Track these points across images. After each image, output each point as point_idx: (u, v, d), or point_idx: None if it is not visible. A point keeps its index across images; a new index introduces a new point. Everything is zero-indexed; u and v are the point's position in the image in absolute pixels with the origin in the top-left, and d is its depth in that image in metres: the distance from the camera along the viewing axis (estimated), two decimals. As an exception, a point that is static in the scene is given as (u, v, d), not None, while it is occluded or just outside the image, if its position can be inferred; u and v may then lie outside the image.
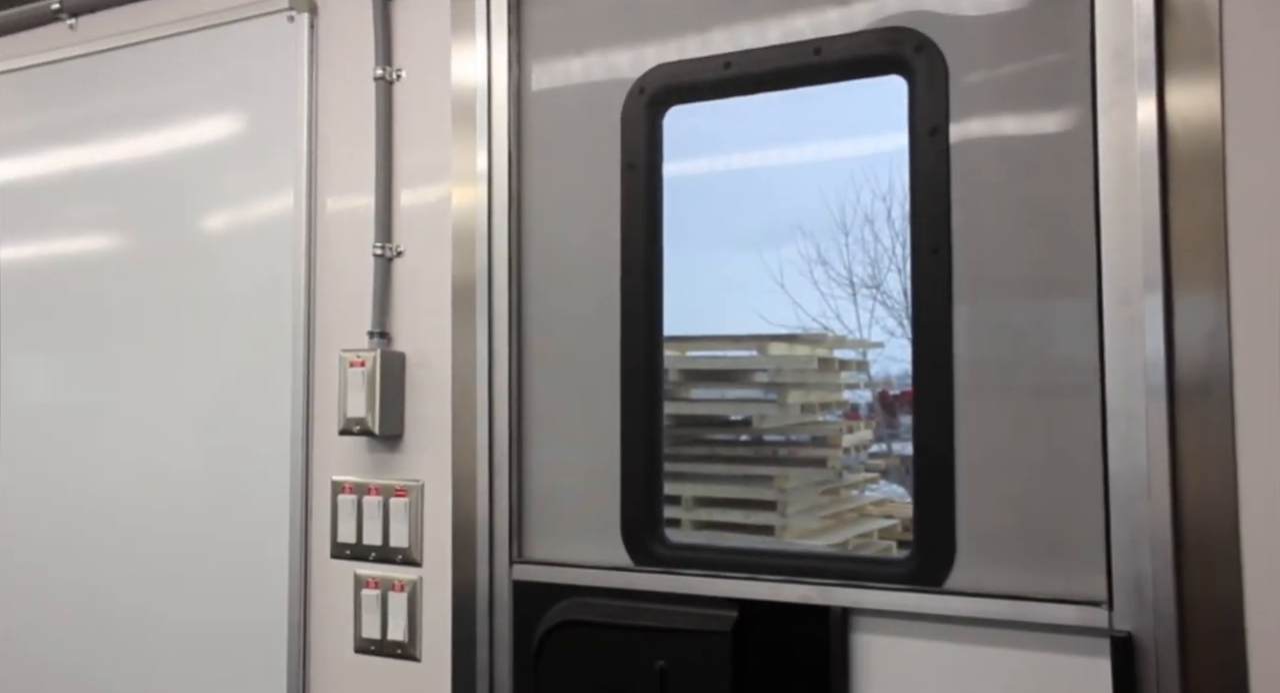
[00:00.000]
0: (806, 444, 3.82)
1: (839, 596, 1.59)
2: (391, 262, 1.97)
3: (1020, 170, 1.52)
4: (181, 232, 2.20)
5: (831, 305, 4.81)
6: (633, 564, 1.75)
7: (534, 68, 1.90)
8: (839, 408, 4.23)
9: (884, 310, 5.03)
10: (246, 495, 2.06)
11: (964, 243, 1.55)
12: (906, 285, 5.69)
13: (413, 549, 1.91)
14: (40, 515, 2.36)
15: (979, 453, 1.53)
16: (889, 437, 4.90)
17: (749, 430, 3.82)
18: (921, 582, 1.55)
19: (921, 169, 1.58)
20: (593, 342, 1.80)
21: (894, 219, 4.82)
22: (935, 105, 1.57)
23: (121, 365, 2.27)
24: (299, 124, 2.05)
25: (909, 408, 5.48)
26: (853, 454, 4.02)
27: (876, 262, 4.98)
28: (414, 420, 1.93)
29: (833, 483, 3.88)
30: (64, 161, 2.36)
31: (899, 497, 4.49)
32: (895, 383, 4.93)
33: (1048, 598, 1.45)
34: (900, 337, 5.07)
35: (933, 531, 1.55)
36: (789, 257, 4.65)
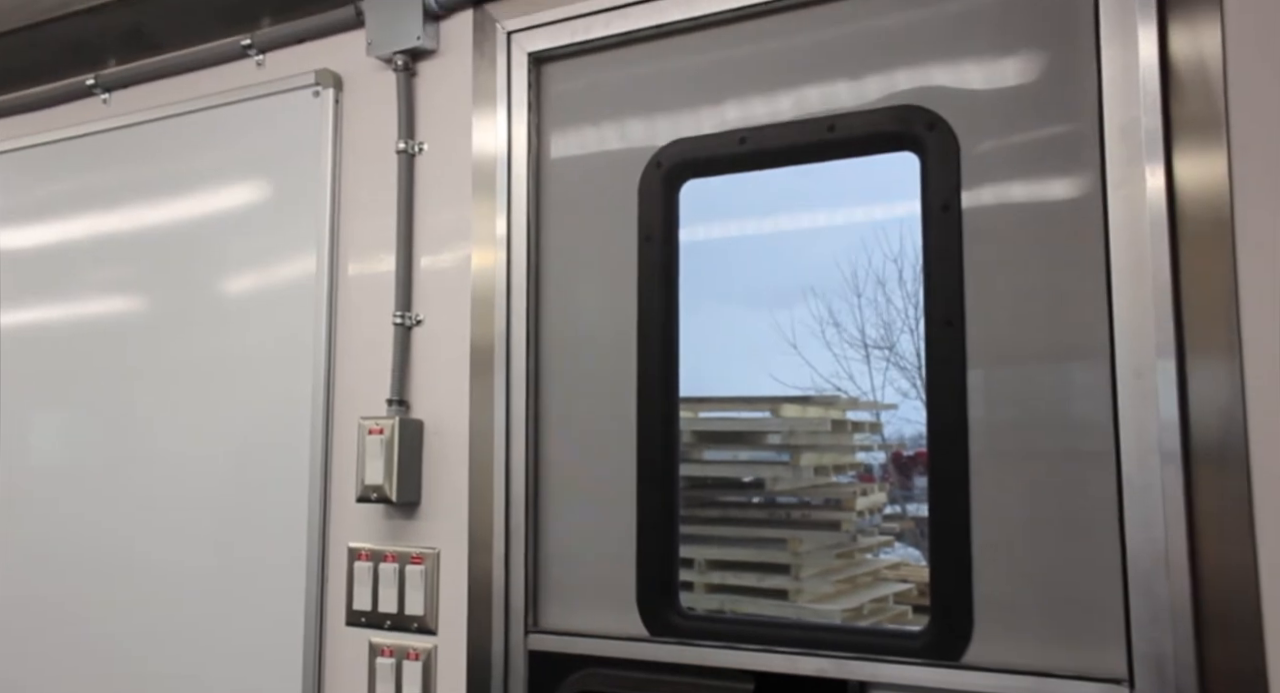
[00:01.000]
0: (820, 507, 3.81)
1: (856, 669, 1.58)
2: (411, 330, 2.00)
3: (1032, 241, 1.55)
4: (205, 297, 2.24)
5: (844, 366, 4.82)
6: (648, 635, 1.74)
7: (553, 137, 1.94)
8: (852, 470, 4.22)
9: (897, 371, 5.03)
10: (263, 560, 2.07)
11: (977, 313, 1.57)
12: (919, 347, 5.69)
13: (428, 617, 1.90)
14: (58, 574, 2.37)
15: (996, 524, 1.53)
16: (903, 499, 4.87)
17: (762, 493, 3.81)
18: (939, 656, 1.53)
19: (934, 243, 1.61)
20: (609, 408, 1.82)
21: (905, 281, 4.85)
22: (947, 181, 1.60)
23: (142, 428, 2.29)
24: (322, 193, 2.10)
25: (923, 469, 5.44)
26: (867, 517, 4.00)
27: (889, 323, 5.00)
28: (431, 488, 1.94)
29: (847, 546, 3.85)
30: (94, 227, 2.42)
31: (914, 560, 4.45)
32: (909, 444, 4.92)
33: (1068, 675, 1.44)
34: (913, 398, 5.07)
35: (950, 603, 1.54)
36: (801, 318, 4.68)
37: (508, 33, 1.95)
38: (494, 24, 1.96)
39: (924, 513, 5.17)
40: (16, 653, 2.41)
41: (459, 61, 2.00)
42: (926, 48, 1.64)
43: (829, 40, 1.72)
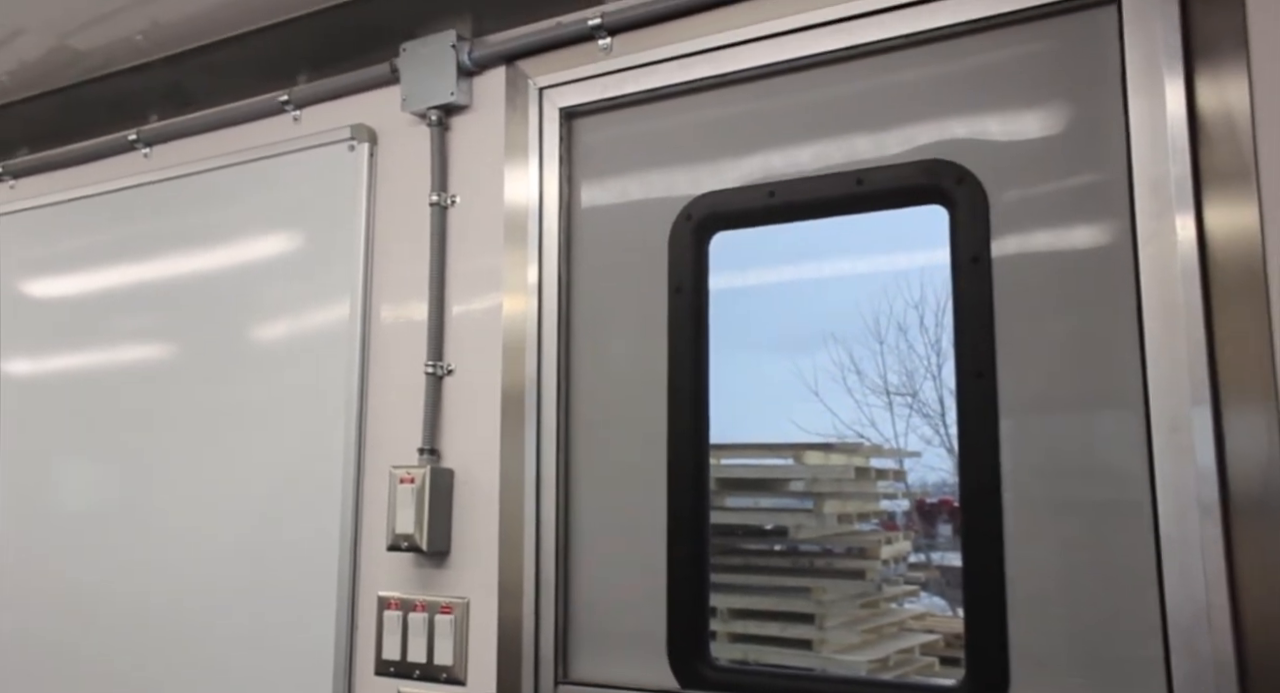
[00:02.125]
0: (844, 555, 3.78)
1: (891, 724, 1.56)
2: (442, 379, 2.02)
3: (1062, 291, 1.55)
4: (240, 345, 2.27)
5: (866, 413, 4.80)
6: (679, 687, 1.73)
7: (584, 189, 1.98)
8: (876, 518, 4.19)
9: (920, 418, 5.00)
10: (292, 608, 2.07)
11: (1008, 365, 1.58)
12: (942, 394, 5.61)
13: (457, 668, 1.90)
14: (89, 619, 2.38)
15: (1031, 577, 1.52)
16: (927, 547, 4.82)
17: (785, 540, 3.78)
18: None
19: (964, 295, 1.62)
20: (639, 457, 1.83)
21: (927, 327, 4.84)
22: (976, 234, 1.61)
23: (174, 474, 2.31)
24: (356, 243, 2.14)
25: (947, 517, 5.39)
26: (892, 566, 3.96)
27: (911, 370, 4.98)
28: (461, 537, 1.95)
29: (872, 596, 3.81)
30: (133, 276, 2.47)
31: (940, 610, 4.40)
32: (932, 491, 4.88)
33: (1110, 733, 1.42)
34: (936, 445, 5.03)
35: (985, 658, 1.53)
36: (822, 364, 4.67)
37: (539, 89, 1.99)
38: (526, 80, 2.01)
39: (948, 562, 5.12)
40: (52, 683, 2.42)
41: (492, 116, 2.05)
42: (954, 101, 1.67)
43: (857, 94, 1.75)
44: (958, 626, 3.97)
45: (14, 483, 2.60)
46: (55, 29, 2.17)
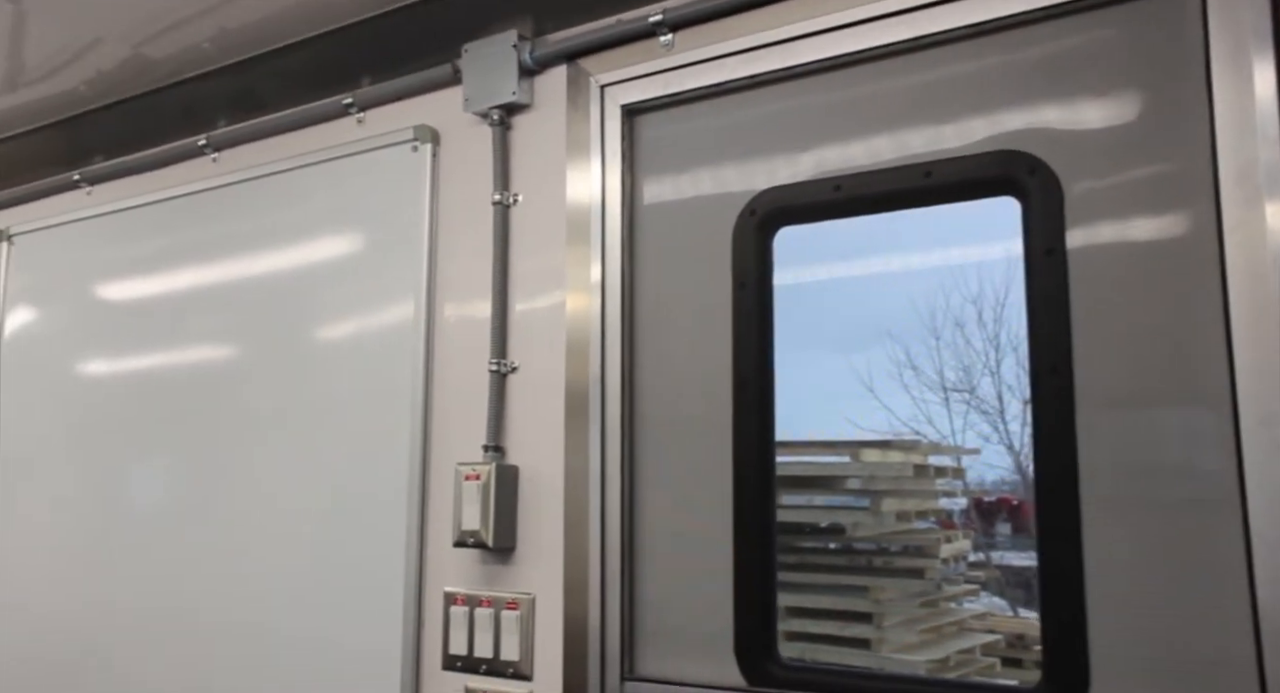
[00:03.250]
0: (902, 554, 3.73)
1: (965, 725, 1.54)
2: (506, 377, 2.03)
3: (1141, 283, 1.51)
4: (306, 345, 2.30)
5: (923, 410, 4.74)
6: (746, 685, 1.72)
7: (647, 185, 1.97)
8: (935, 516, 4.14)
9: (978, 415, 4.93)
10: (360, 604, 2.10)
11: (1085, 359, 1.54)
12: (1000, 390, 5.50)
13: (523, 663, 1.91)
14: (160, 617, 2.43)
15: (1112, 576, 1.48)
16: (987, 546, 4.75)
17: (843, 539, 3.75)
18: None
19: (1038, 288, 1.58)
20: (704, 454, 1.82)
21: (985, 323, 4.77)
22: (1050, 225, 1.58)
23: (242, 473, 2.36)
24: (420, 243, 2.16)
25: (1006, 515, 5.30)
26: (951, 565, 3.90)
27: (968, 366, 4.92)
28: (526, 533, 1.96)
29: (931, 595, 3.76)
30: (201, 279, 2.52)
31: (1000, 610, 4.33)
32: (991, 489, 4.81)
33: (1203, 739, 1.38)
34: (995, 442, 4.95)
35: (1064, 659, 1.49)
36: (878, 361, 4.62)
37: (601, 86, 1.99)
38: (587, 78, 2.01)
39: (1009, 562, 5.02)
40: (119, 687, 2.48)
41: (553, 115, 2.05)
42: (1025, 90, 1.64)
43: (924, 85, 1.73)
44: (1019, 626, 3.91)
45: (87, 482, 2.66)
46: (129, 38, 2.23)
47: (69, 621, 2.62)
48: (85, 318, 2.76)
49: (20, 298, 2.93)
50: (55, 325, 2.85)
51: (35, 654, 2.67)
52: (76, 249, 2.81)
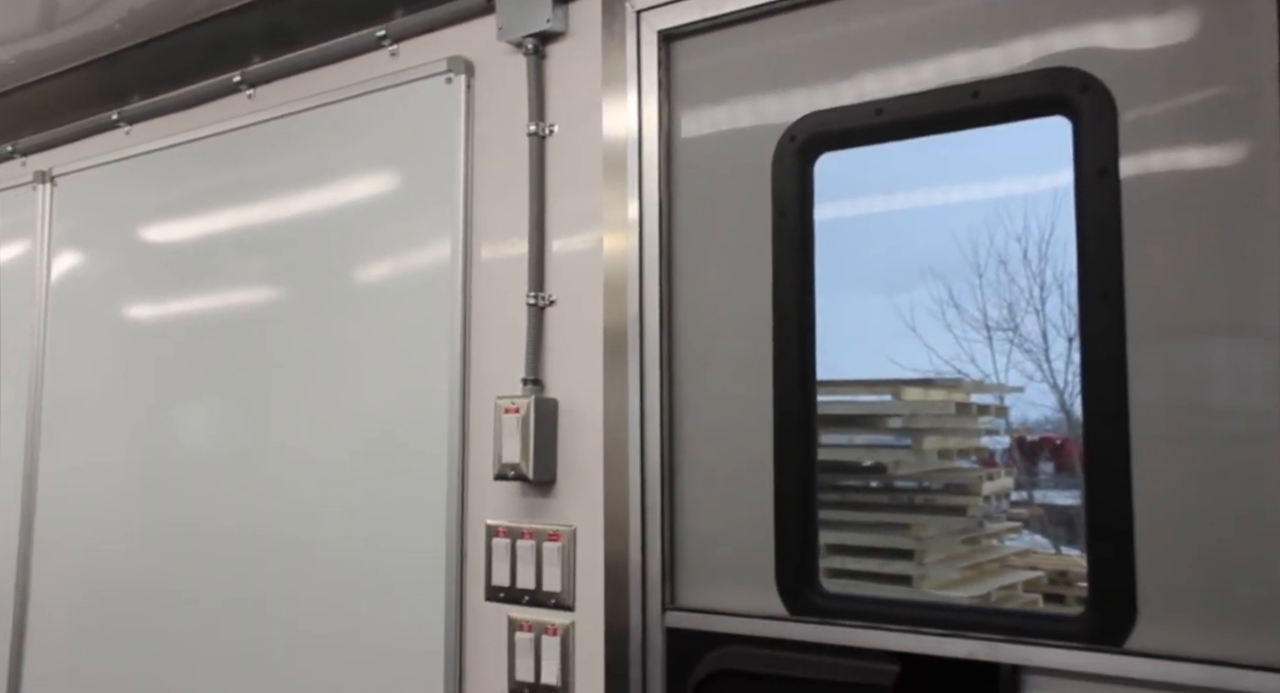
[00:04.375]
0: (944, 492, 3.71)
1: (1008, 652, 1.53)
2: (544, 310, 2.02)
3: (1198, 208, 1.46)
4: (344, 283, 2.31)
5: (965, 349, 4.68)
6: (788, 614, 1.72)
7: (684, 117, 1.93)
8: (977, 454, 4.10)
9: (1021, 354, 4.86)
10: (403, 538, 2.13)
11: (1138, 286, 1.50)
12: (1045, 328, 5.44)
13: (565, 594, 1.93)
14: (207, 554, 2.50)
15: (1161, 505, 1.46)
16: (1029, 485, 4.71)
17: (885, 477, 3.73)
18: (1099, 640, 1.47)
19: (1090, 211, 1.53)
20: (745, 386, 1.81)
21: (1030, 260, 4.68)
22: (1103, 145, 1.52)
23: (284, 412, 2.39)
24: (456, 178, 2.14)
25: (1049, 454, 5.24)
26: (993, 503, 3.88)
27: (1012, 304, 4.84)
28: (566, 466, 1.96)
29: (972, 532, 3.75)
30: (237, 219, 2.53)
31: (1042, 548, 4.31)
32: (1034, 428, 4.75)
33: (1250, 665, 1.36)
34: (1038, 380, 4.89)
35: (1110, 586, 1.48)
36: (920, 300, 4.56)
37: (637, 11, 1.94)
38: (623, 3, 1.96)
39: (1051, 500, 4.97)
40: (169, 624, 2.55)
41: (588, 42, 2.01)
42: (1075, 5, 1.57)
43: (969, 5, 1.66)
44: (1062, 563, 3.88)
45: (138, 419, 2.72)
46: (162, -28, 2.21)
47: (123, 546, 2.69)
48: (129, 260, 2.79)
49: (66, 241, 2.97)
50: (100, 268, 2.89)
51: (92, 577, 2.76)
52: (117, 190, 2.83)
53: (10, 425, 2.99)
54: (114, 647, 2.68)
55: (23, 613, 2.90)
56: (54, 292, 2.97)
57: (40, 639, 2.87)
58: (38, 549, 2.91)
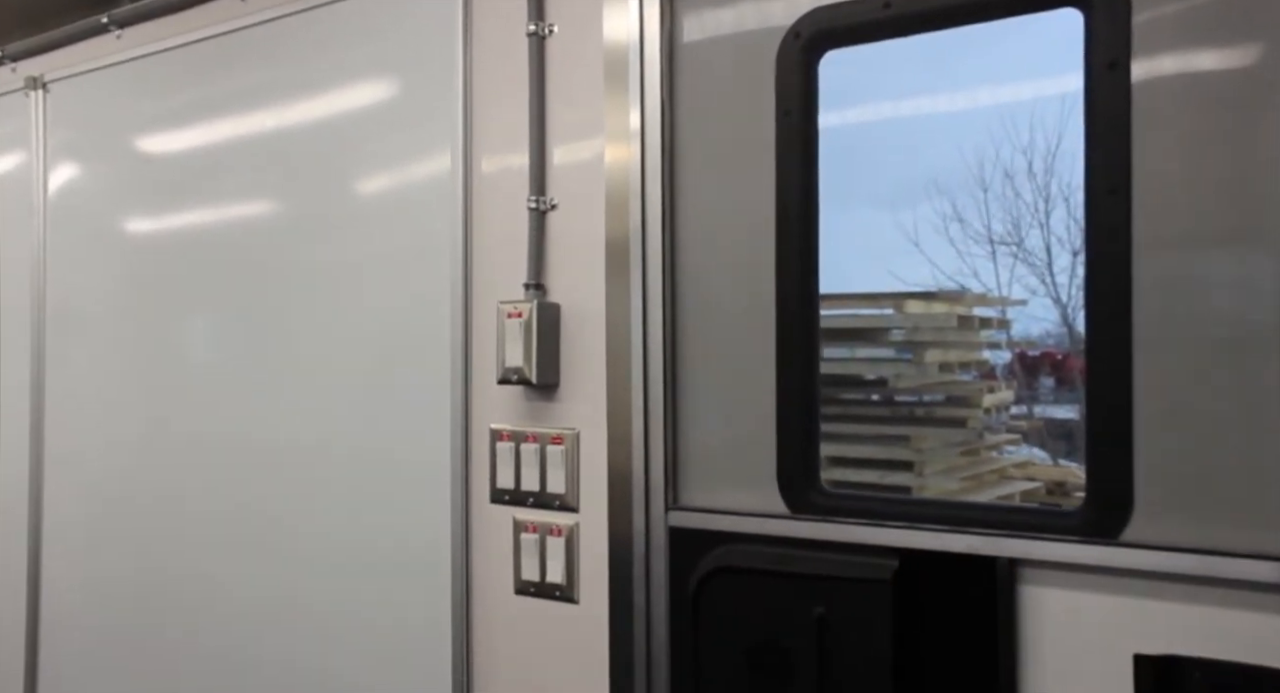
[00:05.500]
0: (945, 404, 3.73)
1: (1007, 546, 1.56)
2: (546, 215, 2.00)
3: (1210, 106, 1.44)
4: (345, 192, 2.29)
5: (968, 263, 4.66)
6: (789, 512, 1.75)
7: (686, 19, 1.88)
8: (978, 368, 4.12)
9: (1024, 268, 4.84)
10: (409, 444, 2.15)
11: (1145, 183, 1.48)
12: (1049, 241, 5.38)
13: (569, 495, 1.96)
14: (215, 463, 2.53)
15: (1159, 403, 1.47)
16: (1029, 399, 4.74)
17: (886, 390, 3.75)
18: (1096, 533, 1.50)
19: (1098, 105, 1.51)
20: (748, 286, 1.80)
21: (1035, 173, 4.62)
22: (1115, 37, 1.49)
23: (289, 323, 2.39)
24: (454, 85, 2.10)
25: (1050, 370, 5.26)
26: (993, 415, 3.91)
27: (1017, 219, 4.79)
28: (570, 370, 1.97)
29: (972, 444, 3.78)
30: (234, 129, 2.50)
31: (1041, 461, 4.36)
32: (1036, 343, 4.76)
33: (1240, 553, 1.39)
34: (1041, 295, 4.88)
35: (1108, 481, 1.50)
36: (924, 215, 4.52)
37: (638, -96, 1.88)
38: (623, -105, 1.89)
39: (1051, 414, 4.99)
40: (180, 530, 2.60)
41: (588, -62, 1.95)
42: (1094, -108, 1.51)
43: (984, -109, 1.60)
44: (1059, 474, 3.93)
45: (140, 332, 2.72)
46: None
47: (133, 455, 2.72)
48: (127, 171, 2.76)
49: (62, 151, 2.93)
50: (98, 179, 2.86)
51: (103, 486, 2.80)
52: (111, 98, 2.78)
53: (14, 338, 3.00)
54: (127, 553, 2.74)
55: (38, 522, 2.95)
56: (52, 203, 2.94)
57: (55, 548, 2.93)
58: (49, 459, 2.94)
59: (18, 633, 2.96)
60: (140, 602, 2.69)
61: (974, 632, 1.58)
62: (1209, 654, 1.41)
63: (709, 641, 1.79)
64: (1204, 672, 1.41)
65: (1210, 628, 1.42)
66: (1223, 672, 1.40)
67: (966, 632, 1.59)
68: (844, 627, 1.66)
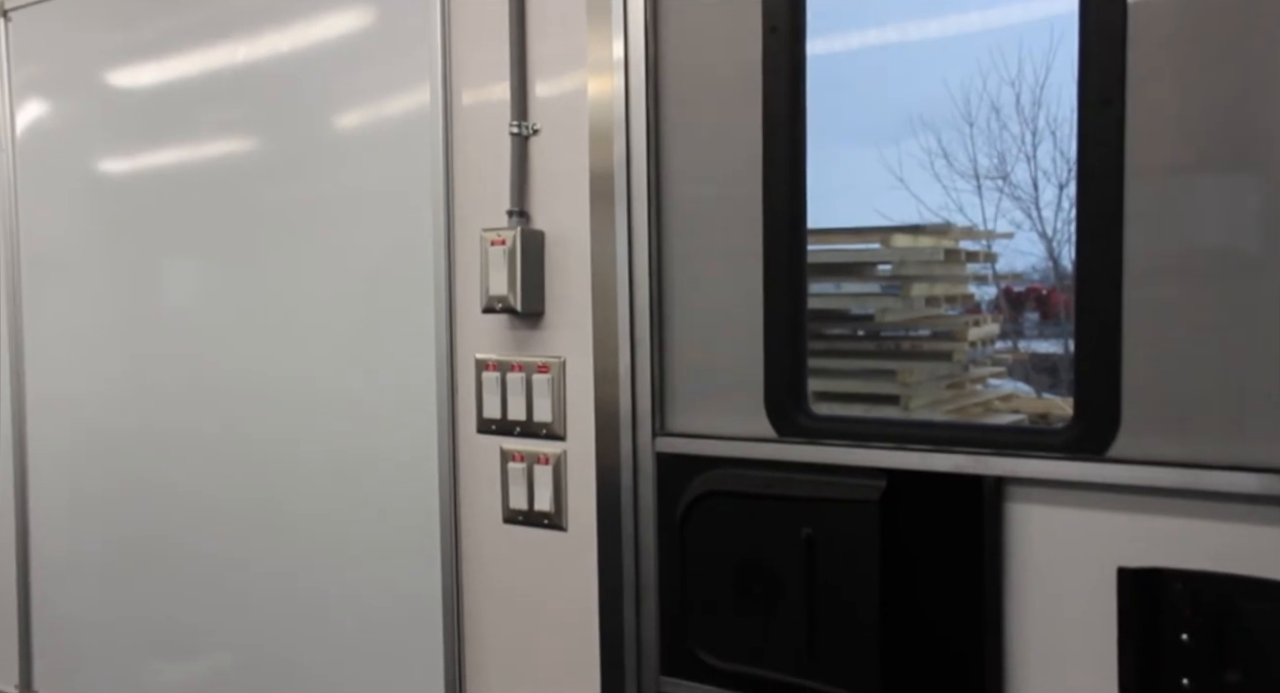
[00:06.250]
0: (931, 338, 3.74)
1: (993, 465, 1.56)
2: (528, 140, 1.96)
3: (1215, 14, 1.40)
4: (322, 126, 2.25)
5: (954, 199, 4.64)
6: (777, 436, 1.75)
7: (668, -68, 1.83)
8: (964, 302, 4.12)
9: (1010, 202, 4.82)
10: (394, 375, 2.14)
11: (1140, 95, 1.45)
12: (1035, 175, 5.38)
13: (556, 424, 1.95)
14: (198, 399, 2.51)
15: (1149, 318, 1.46)
16: (1014, 334, 4.76)
17: (872, 325, 3.75)
18: (1083, 451, 1.50)
19: (1092, 9, 1.47)
20: (734, 209, 1.77)
21: (1023, 105, 4.57)
22: (1111, -59, 1.45)
23: (272, 261, 2.36)
24: (433, 16, 2.05)
25: (1036, 305, 5.26)
26: (979, 348, 3.92)
27: (1004, 153, 4.77)
28: (555, 298, 1.95)
29: (958, 377, 3.79)
30: (206, 62, 2.43)
31: (1025, 394, 4.39)
32: (1022, 278, 4.77)
33: (1225, 466, 1.39)
34: (1027, 229, 4.87)
35: (1095, 397, 1.49)
36: (909, 151, 4.48)
37: None
38: None
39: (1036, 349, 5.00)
40: (168, 470, 2.59)
41: None
42: None
43: None
44: (1044, 407, 3.95)
45: (118, 276, 2.68)
46: None
47: (117, 398, 2.70)
48: (99, 108, 2.69)
49: (29, 89, 2.85)
50: (69, 117, 2.79)
51: (88, 430, 2.78)
52: (78, 30, 2.69)
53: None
54: (115, 495, 2.73)
55: (23, 468, 2.93)
56: (21, 146, 2.87)
57: (42, 494, 2.92)
58: (31, 406, 2.91)
59: (8, 556, 2.96)
60: (129, 523, 2.69)
61: (961, 550, 1.59)
62: (1192, 567, 1.43)
63: (697, 565, 1.80)
64: (1185, 583, 1.43)
65: (1194, 541, 1.43)
66: (1203, 582, 1.42)
67: (953, 550, 1.60)
68: (832, 548, 1.67)
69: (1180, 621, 1.43)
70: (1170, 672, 1.44)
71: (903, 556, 1.63)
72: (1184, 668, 1.43)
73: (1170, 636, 1.44)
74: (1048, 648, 1.54)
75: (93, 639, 2.81)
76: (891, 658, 1.63)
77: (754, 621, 1.74)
